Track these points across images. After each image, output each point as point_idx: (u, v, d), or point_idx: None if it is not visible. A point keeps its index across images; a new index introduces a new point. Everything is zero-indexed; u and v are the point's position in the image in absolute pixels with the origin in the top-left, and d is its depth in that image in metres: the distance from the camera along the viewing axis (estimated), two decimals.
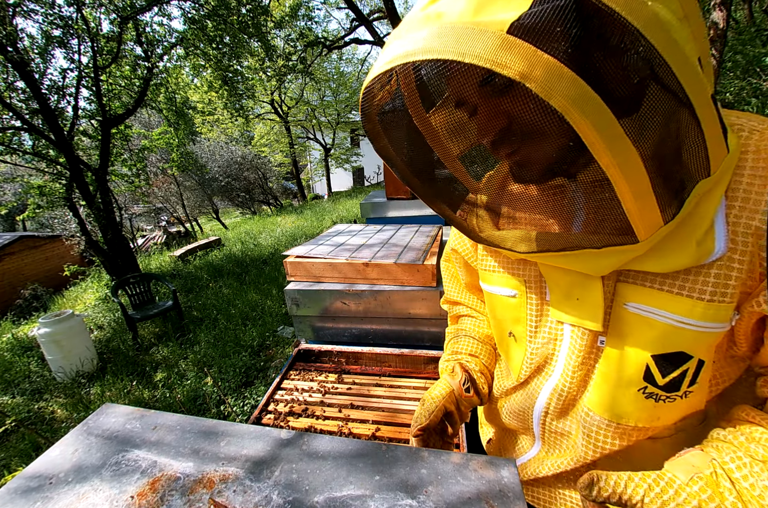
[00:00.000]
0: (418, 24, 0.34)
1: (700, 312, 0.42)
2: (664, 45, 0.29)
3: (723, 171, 0.38)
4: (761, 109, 4.47)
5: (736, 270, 0.40)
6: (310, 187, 23.26)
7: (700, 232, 0.40)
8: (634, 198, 0.34)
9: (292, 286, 1.60)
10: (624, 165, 0.32)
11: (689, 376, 0.45)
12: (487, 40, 0.28)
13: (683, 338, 0.44)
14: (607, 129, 0.30)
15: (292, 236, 7.40)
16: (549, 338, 0.56)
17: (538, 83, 0.28)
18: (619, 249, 0.41)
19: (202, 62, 5.91)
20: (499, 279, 0.61)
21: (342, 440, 0.57)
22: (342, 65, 17.26)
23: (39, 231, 10.45)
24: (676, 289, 0.43)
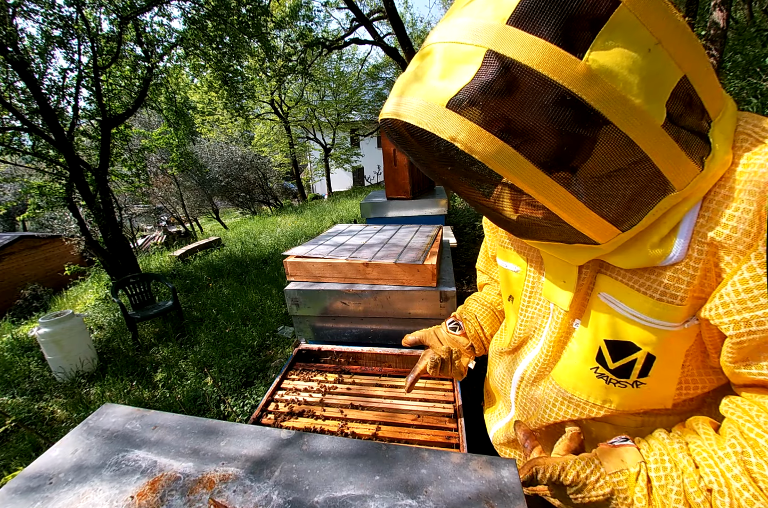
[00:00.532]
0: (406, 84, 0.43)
1: (648, 308, 0.47)
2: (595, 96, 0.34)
3: (698, 185, 0.40)
4: (761, 109, 4.47)
5: (689, 276, 0.43)
6: (310, 187, 23.26)
7: (656, 237, 0.44)
8: (573, 219, 0.42)
9: (292, 286, 1.60)
10: (547, 196, 0.39)
11: (638, 366, 0.51)
12: (434, 113, 0.38)
13: (632, 330, 0.49)
14: (520, 173, 0.38)
15: (292, 236, 7.40)
16: (538, 314, 0.65)
17: (462, 144, 0.37)
18: (586, 247, 0.47)
19: (202, 62, 5.91)
20: (509, 254, 0.70)
21: (342, 440, 0.57)
22: (342, 65, 17.26)
23: (39, 231, 10.45)
24: (636, 285, 0.48)
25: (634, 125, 0.35)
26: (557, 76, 0.33)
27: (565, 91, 0.34)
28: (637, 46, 0.34)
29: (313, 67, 13.59)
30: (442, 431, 1.02)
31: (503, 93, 0.36)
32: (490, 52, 0.35)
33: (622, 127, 0.35)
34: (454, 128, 0.37)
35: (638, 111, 0.35)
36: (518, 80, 0.35)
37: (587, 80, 0.33)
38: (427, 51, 0.42)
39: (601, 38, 0.33)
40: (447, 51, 0.39)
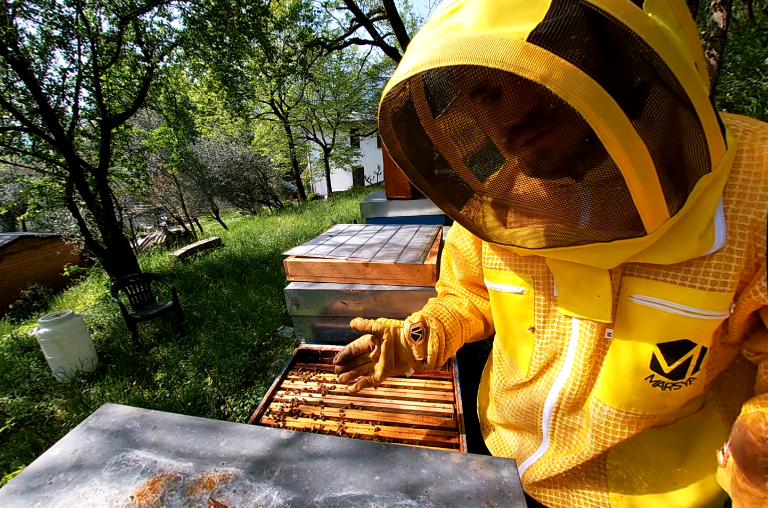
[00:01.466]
0: (437, 35, 0.36)
1: (701, 301, 0.44)
2: (666, 53, 0.32)
3: (722, 167, 0.40)
4: (761, 109, 4.47)
5: (735, 261, 0.42)
6: (310, 187, 23.25)
7: (702, 225, 0.42)
8: (644, 192, 0.37)
9: (292, 286, 1.60)
10: (635, 161, 0.34)
11: (693, 363, 0.48)
12: (509, 48, 0.31)
13: (687, 327, 0.46)
14: (620, 127, 0.32)
15: (292, 236, 7.40)
16: (558, 332, 0.58)
17: (558, 85, 0.31)
18: (627, 242, 0.43)
19: (202, 62, 5.91)
20: (505, 277, 0.63)
21: (342, 440, 0.57)
22: (342, 65, 17.26)
23: (39, 231, 10.44)
24: (678, 280, 0.45)
25: (695, 88, 0.34)
26: (632, 24, 0.31)
27: (640, 41, 0.31)
28: (671, 22, 0.33)
29: (313, 67, 13.58)
30: (442, 431, 1.02)
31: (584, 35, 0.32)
32: None
33: (687, 88, 0.33)
34: (545, 66, 0.31)
35: (695, 74, 0.34)
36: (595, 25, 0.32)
37: (657, 33, 0.31)
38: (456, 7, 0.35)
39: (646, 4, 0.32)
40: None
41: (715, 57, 3.96)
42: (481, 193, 0.57)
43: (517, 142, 0.43)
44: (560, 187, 0.46)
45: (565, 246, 0.46)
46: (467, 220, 0.58)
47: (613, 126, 0.32)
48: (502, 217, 0.56)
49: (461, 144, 0.50)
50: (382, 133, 0.51)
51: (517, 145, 0.44)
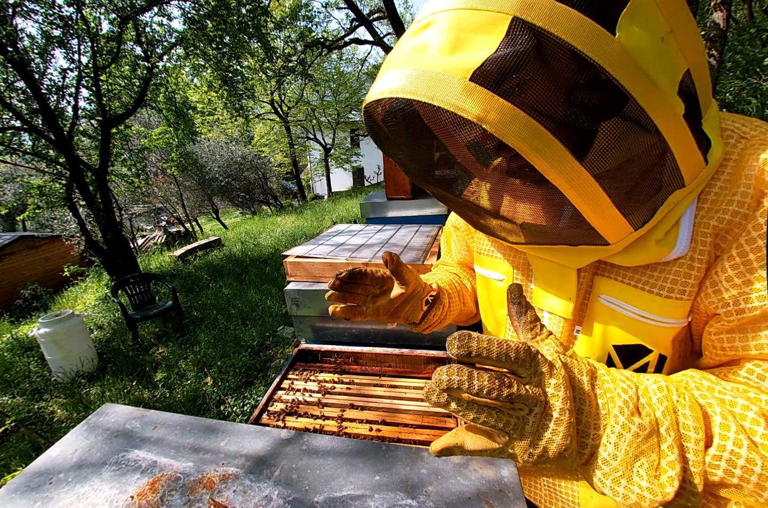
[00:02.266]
0: (404, 58, 0.37)
1: (657, 307, 0.44)
2: (628, 78, 0.31)
3: (700, 181, 0.40)
4: (761, 109, 4.47)
5: (696, 269, 0.42)
6: (310, 187, 23.25)
7: (661, 231, 0.42)
8: (594, 215, 0.38)
9: (292, 286, 1.60)
10: (580, 190, 0.35)
11: (651, 369, 0.47)
12: (453, 86, 0.32)
13: (642, 331, 0.46)
14: (558, 162, 0.33)
15: (292, 236, 7.40)
16: None
17: (493, 125, 0.31)
18: (592, 248, 0.44)
19: (201, 62, 5.91)
20: (491, 263, 0.65)
21: (342, 440, 0.57)
22: (342, 65, 17.27)
23: (39, 231, 10.45)
24: (640, 284, 0.45)
25: (661, 112, 0.33)
26: (592, 52, 0.30)
27: (600, 69, 0.30)
28: (655, 31, 0.32)
29: (313, 67, 13.58)
30: (442, 431, 1.02)
31: (534, 68, 0.31)
32: (516, 19, 0.30)
33: (651, 113, 0.32)
34: (481, 106, 0.31)
35: (665, 98, 0.33)
36: (549, 55, 0.31)
37: (621, 59, 0.30)
38: (427, 23, 0.35)
39: (625, 18, 0.30)
40: (456, 19, 0.33)
41: (715, 57, 3.96)
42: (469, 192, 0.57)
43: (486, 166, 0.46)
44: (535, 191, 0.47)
45: (539, 245, 0.48)
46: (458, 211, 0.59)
47: (550, 162, 0.33)
48: (488, 211, 0.56)
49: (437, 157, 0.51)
50: (370, 134, 0.51)
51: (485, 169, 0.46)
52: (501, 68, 0.31)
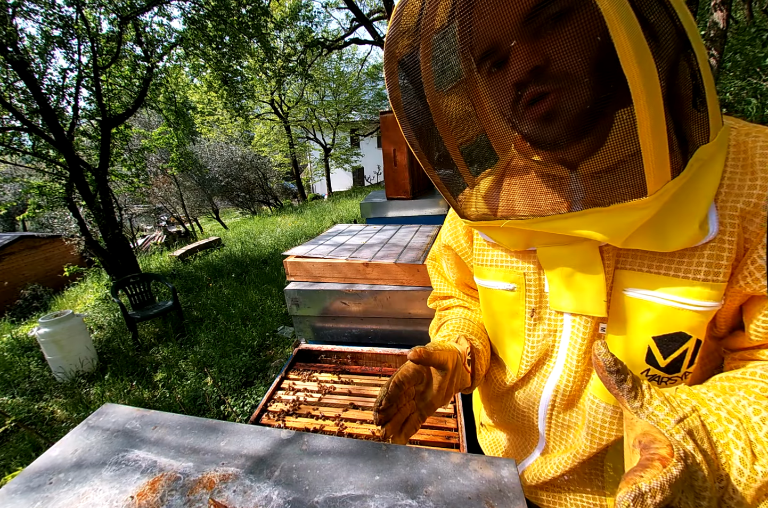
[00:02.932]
0: None
1: (696, 292, 0.44)
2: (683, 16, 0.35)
3: (718, 147, 0.41)
4: (761, 109, 4.47)
5: (727, 250, 0.43)
6: (310, 187, 23.25)
7: (701, 213, 0.42)
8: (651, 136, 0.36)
9: (292, 286, 1.60)
10: (650, 92, 0.34)
11: (689, 356, 0.47)
12: None
13: (682, 319, 0.46)
14: (636, 39, 0.33)
15: (292, 236, 7.40)
16: (549, 330, 0.57)
17: None
18: (627, 205, 0.41)
19: (201, 62, 5.91)
20: (496, 273, 0.62)
21: (342, 440, 0.57)
22: (342, 65, 17.27)
23: (39, 231, 10.44)
24: (672, 271, 0.45)
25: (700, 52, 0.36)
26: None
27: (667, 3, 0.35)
28: None
29: (313, 67, 13.58)
30: (442, 431, 1.02)
31: None
32: None
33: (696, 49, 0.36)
34: None
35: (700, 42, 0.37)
36: None
37: None
38: None
39: None
40: None
41: (715, 57, 3.96)
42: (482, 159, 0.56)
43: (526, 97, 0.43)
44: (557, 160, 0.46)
45: (563, 213, 0.45)
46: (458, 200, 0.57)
47: (632, 38, 0.33)
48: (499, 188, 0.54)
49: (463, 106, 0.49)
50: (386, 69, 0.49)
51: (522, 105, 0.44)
52: None
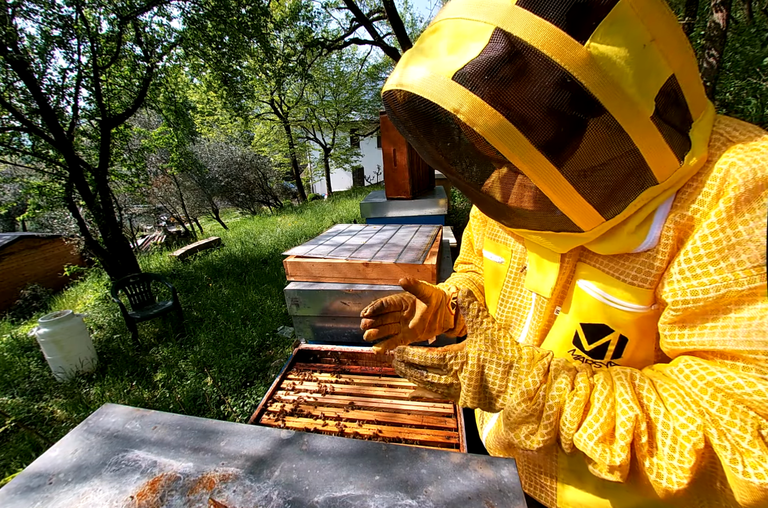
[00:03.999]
0: (414, 56, 0.44)
1: (620, 292, 0.50)
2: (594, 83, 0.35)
3: (676, 179, 0.43)
4: (761, 109, 4.47)
5: (659, 261, 0.46)
6: (310, 187, 23.25)
7: (633, 224, 0.46)
8: (561, 202, 0.43)
9: (292, 286, 1.60)
10: (542, 176, 0.41)
11: (611, 347, 0.53)
12: (439, 83, 0.39)
13: (605, 313, 0.52)
14: (522, 152, 0.39)
15: (292, 236, 7.40)
16: (520, 305, 0.66)
17: (465, 115, 0.38)
18: (570, 235, 0.49)
19: (201, 62, 5.91)
20: (495, 246, 0.71)
21: (342, 440, 0.57)
22: (342, 65, 17.25)
23: (39, 231, 10.44)
24: (611, 271, 0.51)
25: (626, 114, 0.37)
26: (560, 59, 0.35)
27: (566, 74, 0.35)
28: (634, 40, 0.36)
29: (313, 67, 13.57)
30: (442, 431, 1.02)
31: (508, 71, 0.37)
32: (498, 29, 0.36)
33: (615, 115, 0.37)
34: (457, 100, 0.38)
35: (631, 100, 0.37)
36: (523, 60, 0.37)
37: (587, 65, 0.35)
38: (435, 27, 0.43)
39: (602, 28, 0.35)
40: (456, 27, 0.40)
41: (715, 57, 3.96)
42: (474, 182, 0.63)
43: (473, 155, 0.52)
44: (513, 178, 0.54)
45: (528, 230, 0.54)
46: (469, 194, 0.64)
47: (513, 150, 0.39)
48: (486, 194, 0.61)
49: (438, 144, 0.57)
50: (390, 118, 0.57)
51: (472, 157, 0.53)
52: (477, 71, 0.38)
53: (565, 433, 0.44)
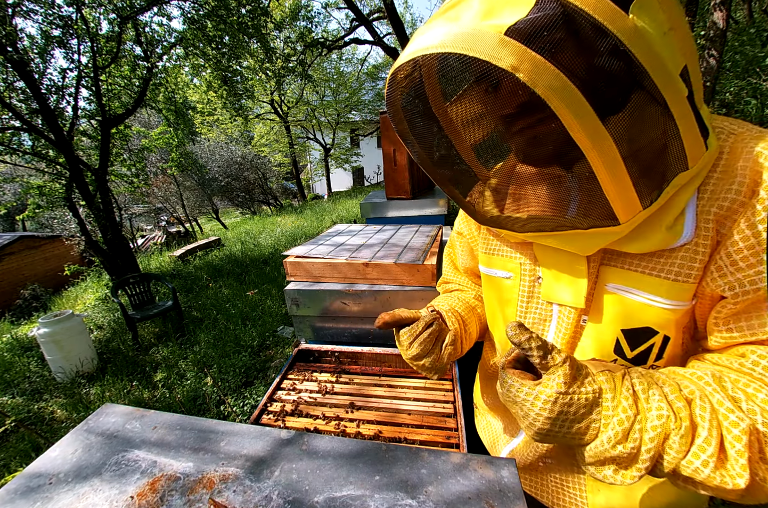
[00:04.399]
0: (438, 24, 0.40)
1: (665, 290, 0.47)
2: (643, 54, 0.34)
3: (700, 167, 0.42)
4: (760, 109, 4.46)
5: (701, 253, 0.45)
6: (310, 187, 23.25)
7: (669, 218, 0.44)
8: (611, 183, 0.40)
9: (292, 286, 1.60)
10: (601, 151, 0.37)
11: (655, 350, 0.51)
12: (488, 39, 0.35)
13: (650, 314, 0.49)
14: (584, 117, 0.35)
15: (292, 236, 7.40)
16: (539, 318, 0.61)
17: (526, 74, 0.34)
18: (602, 231, 0.46)
19: (201, 62, 5.91)
20: (497, 261, 0.66)
21: (342, 440, 0.57)
22: (342, 65, 17.25)
23: (39, 231, 10.44)
24: (648, 270, 0.48)
25: (670, 89, 0.36)
26: (611, 25, 0.33)
27: (618, 42, 0.33)
28: (659, 25, 0.35)
29: (313, 67, 13.56)
30: (442, 431, 1.02)
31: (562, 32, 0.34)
32: None
33: (662, 89, 0.35)
34: (515, 56, 0.34)
35: (672, 76, 0.36)
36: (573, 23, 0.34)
37: (636, 35, 0.33)
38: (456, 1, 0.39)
39: (635, 7, 0.34)
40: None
41: (715, 57, 3.96)
42: (483, 177, 0.59)
43: (510, 130, 0.47)
44: (550, 176, 0.49)
45: (548, 231, 0.50)
46: (466, 203, 0.60)
47: (576, 115, 0.35)
48: (498, 203, 0.58)
49: (462, 128, 0.53)
50: (390, 109, 0.52)
51: (509, 133, 0.47)
52: (533, 28, 0.34)
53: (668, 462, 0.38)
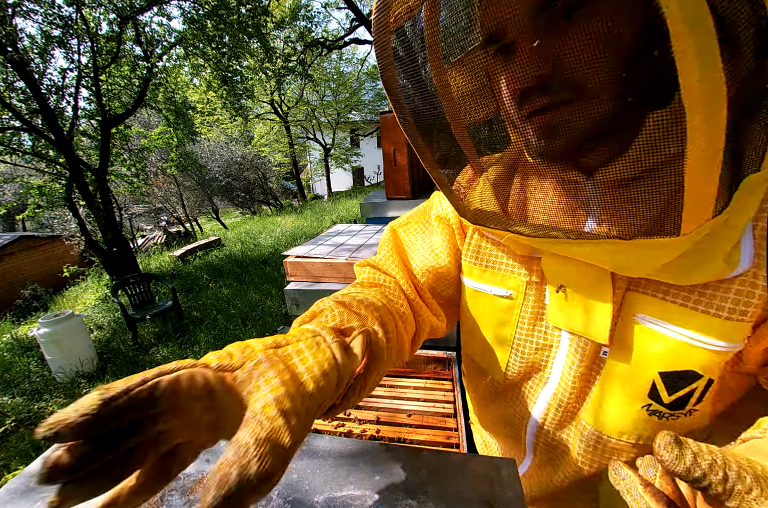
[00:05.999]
0: None
1: (716, 330, 0.37)
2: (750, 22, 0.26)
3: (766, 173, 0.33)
4: None
5: (760, 287, 0.35)
6: (310, 187, 23.26)
7: (728, 244, 0.35)
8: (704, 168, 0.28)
9: (292, 286, 1.60)
10: (711, 116, 0.26)
11: (697, 394, 0.41)
12: None
13: (695, 357, 0.39)
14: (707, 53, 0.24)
15: (292, 236, 7.40)
16: (543, 344, 0.52)
17: None
18: (650, 243, 0.33)
19: (201, 62, 5.92)
20: (492, 276, 0.55)
21: (342, 440, 0.57)
22: (342, 65, 17.28)
23: (39, 231, 10.45)
24: (691, 303, 0.38)
25: None
26: None
27: None
28: None
29: (313, 67, 13.57)
30: (442, 431, 1.02)
31: None
32: None
33: None
34: None
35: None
36: None
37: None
38: None
39: None
40: None
41: None
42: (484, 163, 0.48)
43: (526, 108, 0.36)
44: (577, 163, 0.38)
45: (573, 238, 0.37)
46: (457, 196, 0.48)
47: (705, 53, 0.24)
48: (500, 197, 0.46)
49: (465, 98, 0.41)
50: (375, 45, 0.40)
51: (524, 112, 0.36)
52: None
53: None
